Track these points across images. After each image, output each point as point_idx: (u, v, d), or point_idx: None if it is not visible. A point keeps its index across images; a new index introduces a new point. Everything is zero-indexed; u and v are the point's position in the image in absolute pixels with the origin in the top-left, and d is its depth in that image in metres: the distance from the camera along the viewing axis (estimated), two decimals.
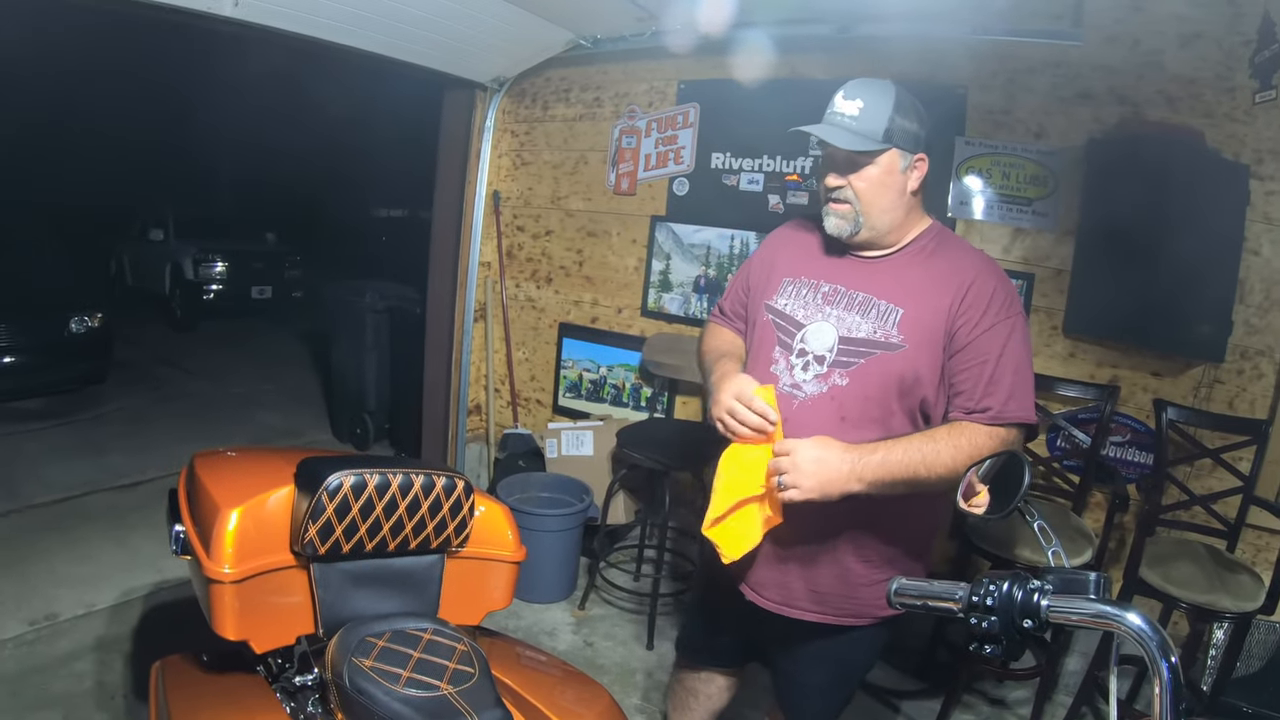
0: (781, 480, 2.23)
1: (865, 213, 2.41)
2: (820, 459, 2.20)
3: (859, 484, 2.22)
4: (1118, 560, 4.22)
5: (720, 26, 4.85)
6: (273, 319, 14.76)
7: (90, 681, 4.19)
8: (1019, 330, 2.37)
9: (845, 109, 2.36)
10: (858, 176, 2.39)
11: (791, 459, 2.21)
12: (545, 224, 6.32)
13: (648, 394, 5.91)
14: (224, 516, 2.40)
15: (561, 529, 5.13)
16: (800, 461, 2.20)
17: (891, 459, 2.23)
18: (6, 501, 6.28)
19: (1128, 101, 4.17)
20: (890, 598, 1.79)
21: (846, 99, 2.37)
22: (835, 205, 2.45)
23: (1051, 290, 4.45)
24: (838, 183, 2.41)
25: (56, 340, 9.03)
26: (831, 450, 2.21)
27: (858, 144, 2.33)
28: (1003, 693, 4.50)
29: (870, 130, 2.33)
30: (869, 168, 2.38)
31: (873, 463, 2.21)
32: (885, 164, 2.38)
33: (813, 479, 2.20)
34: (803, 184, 5.06)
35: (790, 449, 2.22)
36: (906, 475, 2.23)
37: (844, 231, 2.45)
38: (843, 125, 2.35)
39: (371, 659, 2.30)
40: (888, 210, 2.43)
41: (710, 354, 2.87)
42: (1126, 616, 1.37)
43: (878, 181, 2.39)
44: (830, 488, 2.21)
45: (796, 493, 2.21)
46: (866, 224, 2.43)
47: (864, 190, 2.39)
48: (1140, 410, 4.35)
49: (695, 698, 3.27)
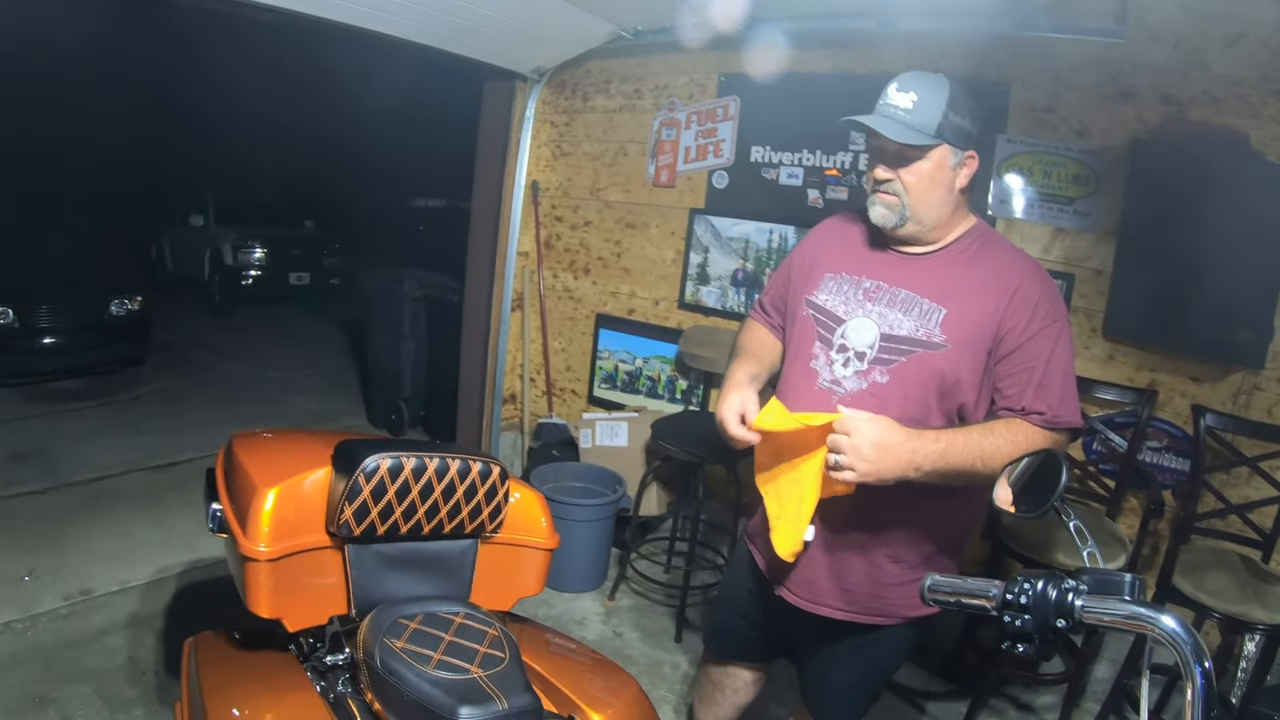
0: (838, 460, 2.16)
1: (912, 206, 2.37)
2: (881, 443, 2.13)
3: (915, 472, 2.17)
4: (1151, 567, 4.18)
5: (761, 20, 4.85)
6: (310, 305, 14.91)
7: (123, 657, 4.24)
8: (1065, 334, 2.35)
9: (899, 101, 2.31)
10: (908, 170, 2.35)
11: (851, 440, 2.13)
12: (584, 215, 6.33)
13: (683, 386, 5.91)
14: (261, 496, 2.43)
15: (593, 519, 5.14)
16: (860, 444, 2.12)
17: (952, 450, 2.19)
18: (46, 479, 6.38)
19: (1172, 101, 4.11)
20: (924, 594, 1.77)
21: (900, 91, 2.32)
22: (882, 195, 2.41)
23: (1091, 291, 4.41)
24: (887, 175, 2.37)
25: (97, 322, 9.20)
26: (894, 434, 2.15)
27: (910, 137, 2.28)
28: (1031, 698, 4.47)
29: (923, 124, 2.29)
30: (919, 162, 2.33)
31: (934, 452, 2.17)
32: (936, 159, 2.34)
33: (870, 463, 2.13)
34: (842, 179, 5.04)
35: (852, 428, 2.14)
36: (964, 467, 2.20)
37: (889, 222, 2.41)
38: (895, 117, 2.31)
39: (403, 640, 2.31)
40: (935, 206, 2.39)
41: (733, 352, 2.89)
42: (1161, 619, 1.36)
43: (927, 176, 2.35)
44: (887, 473, 2.15)
45: (852, 474, 2.15)
46: (912, 218, 2.39)
47: (913, 185, 2.35)
48: (1178, 415, 4.30)
49: (721, 692, 3.27)
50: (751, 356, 2.80)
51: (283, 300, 14.80)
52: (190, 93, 17.60)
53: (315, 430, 3.53)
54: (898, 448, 2.13)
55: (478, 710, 2.08)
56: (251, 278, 14.27)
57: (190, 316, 13.29)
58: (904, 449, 2.14)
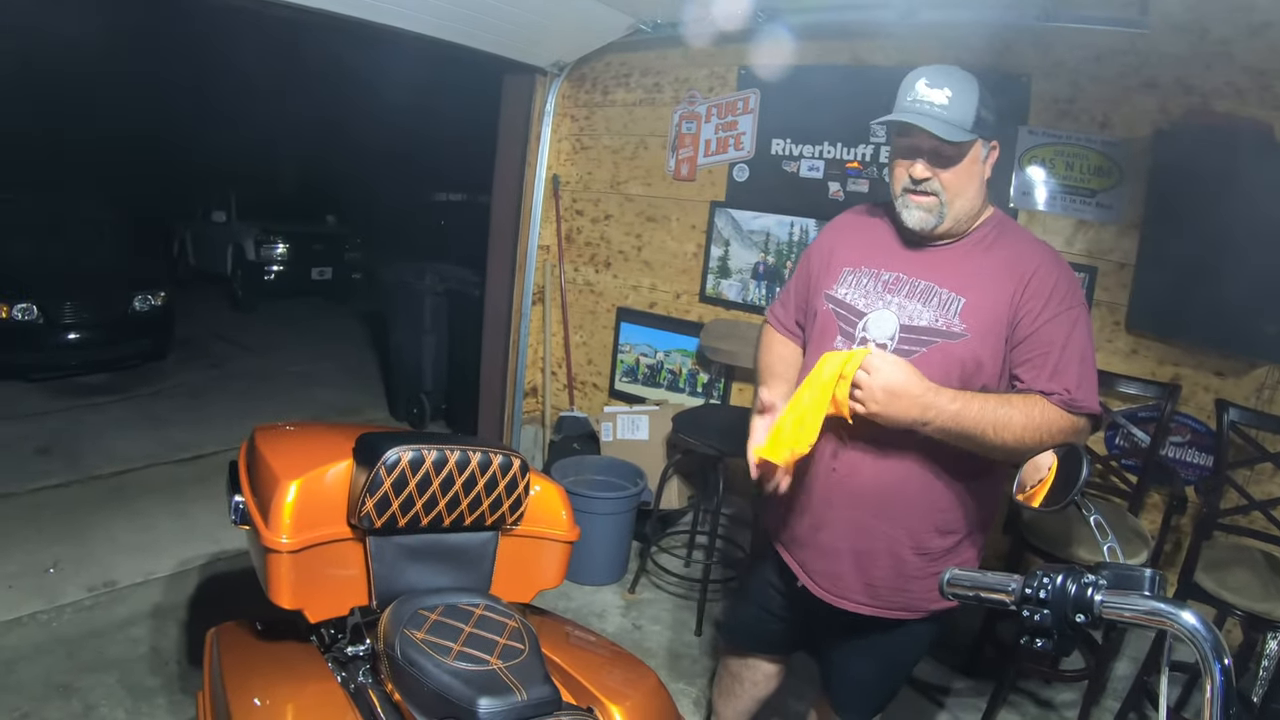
0: (854, 393, 2.19)
1: (949, 204, 2.36)
2: (894, 388, 2.15)
3: (924, 426, 2.20)
4: (1173, 563, 4.15)
5: (780, 12, 4.84)
6: (332, 299, 14.95)
7: (145, 647, 4.28)
8: (1083, 321, 2.34)
9: (933, 97, 2.29)
10: (946, 168, 2.34)
11: (870, 378, 2.16)
12: (604, 208, 6.33)
13: (704, 380, 5.91)
14: (283, 488, 2.44)
15: (614, 512, 5.15)
16: (876, 384, 2.15)
17: (966, 412, 2.19)
18: (70, 472, 6.44)
19: (1195, 92, 4.08)
20: (943, 587, 1.78)
21: (932, 87, 2.30)
22: (919, 197, 2.38)
23: (1114, 285, 4.38)
24: (926, 174, 2.34)
25: (120, 317, 9.31)
26: (912, 383, 2.16)
27: (956, 135, 2.26)
28: (1050, 694, 4.46)
29: (960, 120, 2.28)
30: (959, 160, 2.33)
31: (948, 410, 2.18)
32: (972, 155, 2.34)
33: (880, 405, 2.16)
34: (863, 171, 5.03)
35: (874, 368, 2.16)
36: (975, 433, 2.21)
37: (928, 225, 2.39)
38: (933, 114, 2.28)
39: (423, 632, 2.33)
40: (970, 201, 2.39)
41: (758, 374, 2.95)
42: (1181, 615, 1.35)
43: (964, 172, 2.34)
44: (895, 418, 2.18)
45: (860, 409, 2.19)
46: (950, 215, 2.38)
47: (951, 182, 2.34)
48: (1201, 410, 4.27)
49: (741, 684, 3.28)
50: (778, 379, 2.81)
51: (304, 295, 14.85)
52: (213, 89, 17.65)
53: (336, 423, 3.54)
54: (909, 397, 2.16)
55: (497, 701, 2.09)
56: (273, 273, 14.31)
57: (212, 311, 13.36)
58: (917, 400, 2.16)
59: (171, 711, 3.81)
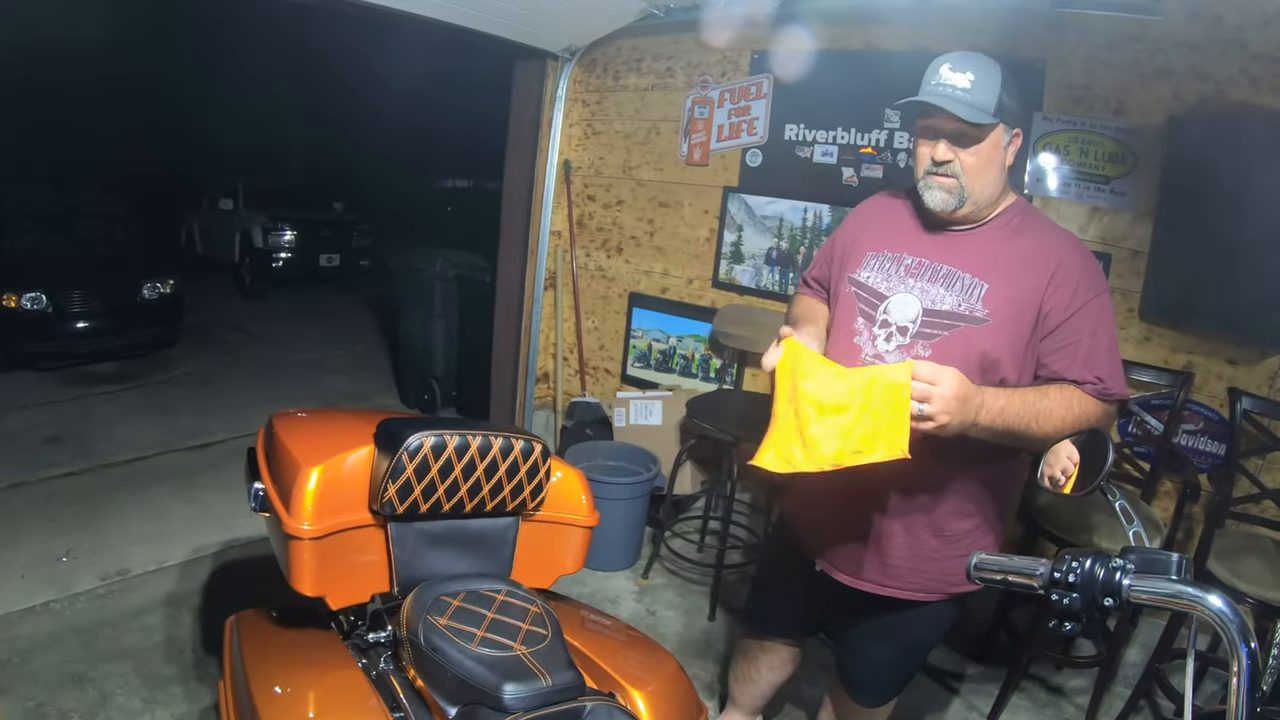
0: (923, 409, 2.08)
1: (969, 187, 2.37)
2: (961, 389, 2.09)
3: (974, 428, 2.16)
4: (1185, 551, 4.06)
5: None
6: (340, 286, 14.92)
7: (160, 636, 4.30)
8: (1107, 307, 2.37)
9: (956, 81, 2.30)
10: (968, 151, 2.34)
11: (939, 390, 2.06)
12: (616, 193, 6.32)
13: (717, 365, 5.90)
14: (304, 475, 2.45)
15: (628, 497, 5.15)
16: (945, 394, 2.06)
17: (1010, 408, 2.19)
18: (81, 460, 6.46)
19: (1209, 79, 4.05)
20: (970, 572, 1.78)
21: (955, 71, 2.31)
22: (940, 179, 2.39)
23: (1128, 272, 4.36)
24: (948, 156, 2.35)
25: (130, 306, 9.35)
26: (968, 386, 2.12)
27: (977, 116, 2.28)
28: (1061, 680, 4.47)
29: (982, 104, 2.29)
30: (980, 142, 2.34)
31: (994, 408, 2.16)
32: (993, 139, 2.34)
33: (950, 416, 2.08)
34: (877, 157, 4.99)
35: (939, 378, 2.07)
36: (1019, 427, 2.20)
37: (949, 205, 2.40)
38: (956, 97, 2.29)
39: (446, 618, 2.34)
40: (991, 185, 2.40)
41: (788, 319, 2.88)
42: (1208, 599, 1.38)
43: (985, 156, 2.35)
44: (957, 427, 2.12)
45: (931, 425, 2.09)
46: (970, 198, 2.39)
47: (972, 165, 2.35)
48: (1214, 399, 4.25)
49: (757, 669, 3.31)
50: (807, 323, 2.77)
51: (313, 281, 14.84)
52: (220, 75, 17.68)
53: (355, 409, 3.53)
54: (969, 400, 2.11)
55: (522, 687, 2.10)
56: (281, 260, 14.32)
57: (221, 299, 13.36)
58: (973, 402, 2.12)
59: (188, 699, 3.82)
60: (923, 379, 2.07)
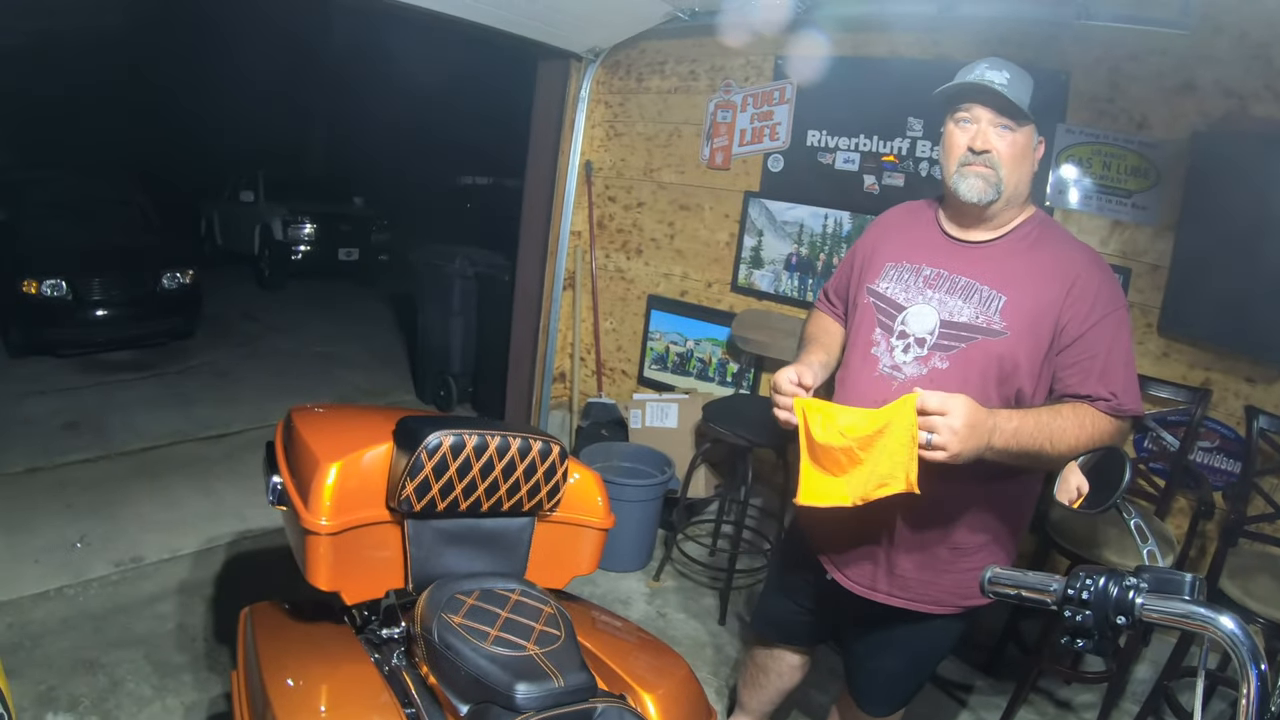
0: (931, 439, 2.09)
1: (1006, 180, 2.37)
2: (971, 416, 2.07)
3: (989, 451, 2.15)
4: (1198, 569, 4.11)
5: (820, 2, 4.83)
6: (359, 281, 14.95)
7: (172, 624, 4.32)
8: (1125, 323, 2.37)
9: (994, 77, 2.34)
10: (1007, 141, 2.36)
11: (947, 421, 2.06)
12: (637, 195, 6.32)
13: (734, 370, 5.90)
14: (323, 470, 2.46)
15: (641, 499, 5.15)
16: (957, 424, 2.06)
17: (1024, 429, 2.18)
18: (97, 447, 6.50)
19: (1234, 95, 4.02)
20: (984, 585, 1.77)
21: (993, 70, 2.35)
22: (978, 168, 2.39)
23: (1148, 287, 4.34)
24: (986, 146, 2.36)
25: (149, 295, 9.39)
26: (979, 412, 2.10)
27: (1020, 104, 2.31)
28: (1069, 695, 4.44)
29: (1021, 99, 2.32)
30: (1017, 135, 2.36)
31: (1007, 430, 2.15)
32: (1027, 135, 2.38)
33: (963, 441, 2.07)
34: (899, 165, 4.97)
35: (947, 409, 2.07)
36: (1033, 448, 2.20)
37: (986, 196, 2.39)
38: (998, 88, 2.32)
39: (460, 616, 2.34)
40: (1022, 182, 2.41)
41: (800, 343, 2.93)
42: (1220, 620, 1.37)
43: (1022, 150, 2.37)
44: (972, 454, 2.11)
45: (944, 455, 2.08)
46: (1005, 192, 2.39)
47: (1009, 156, 2.36)
48: (1231, 416, 4.22)
49: (766, 675, 3.31)
50: (818, 346, 2.82)
51: (331, 276, 14.87)
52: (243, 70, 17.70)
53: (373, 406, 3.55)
54: (981, 426, 2.10)
55: (534, 687, 2.11)
56: (301, 253, 14.38)
57: (240, 291, 13.39)
58: (985, 427, 2.11)
59: (198, 688, 3.84)
60: (931, 409, 2.08)
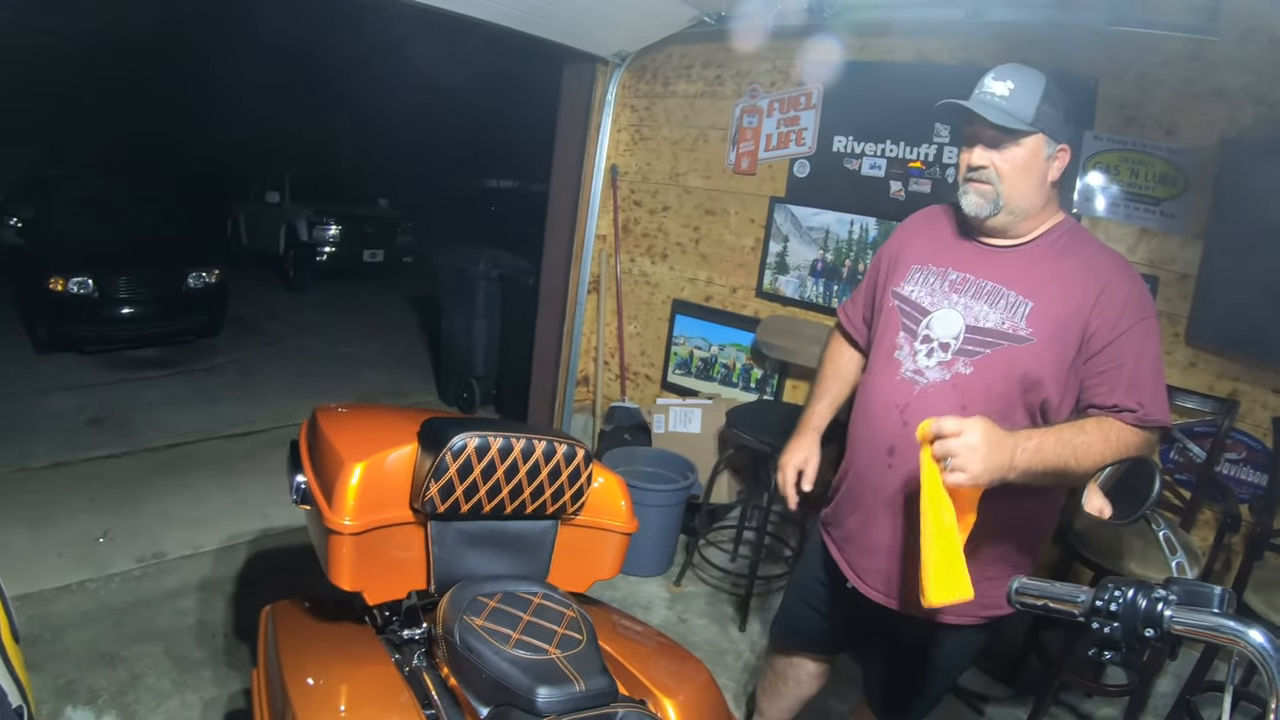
0: (950, 463, 2.06)
1: (1006, 195, 2.36)
2: (990, 440, 2.05)
3: (1012, 472, 2.11)
4: (1223, 582, 4.01)
5: (846, 7, 4.82)
6: (383, 282, 15.01)
7: (192, 619, 4.35)
8: (1154, 331, 2.33)
9: (995, 89, 2.32)
10: (1002, 157, 2.34)
11: (964, 440, 2.04)
12: (662, 200, 6.31)
13: (758, 375, 5.88)
14: (348, 470, 2.46)
15: (664, 504, 5.15)
16: (975, 442, 2.04)
17: (1046, 447, 2.15)
18: (122, 443, 6.56)
19: (1264, 101, 3.99)
20: (1011, 596, 1.75)
21: (997, 80, 2.33)
22: (975, 184, 2.39)
23: (1175, 295, 4.30)
24: (982, 161, 2.36)
25: (175, 293, 9.47)
26: (997, 431, 2.08)
27: (1005, 120, 2.28)
28: (1091, 708, 4.41)
29: (1019, 111, 2.29)
30: (1015, 149, 2.33)
31: (1029, 449, 2.11)
32: (1031, 147, 2.33)
33: (984, 463, 2.04)
34: (925, 171, 4.96)
35: (963, 429, 2.05)
36: (1058, 466, 2.16)
37: (983, 211, 2.40)
38: (992, 103, 2.31)
39: (482, 618, 2.34)
40: (1028, 195, 2.38)
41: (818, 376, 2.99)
42: (1249, 633, 1.36)
43: (1022, 164, 2.34)
44: (995, 468, 2.07)
45: (964, 477, 2.05)
46: (1005, 206, 2.38)
47: (1007, 172, 2.34)
48: (1258, 428, 4.17)
49: (785, 683, 3.30)
50: (834, 381, 2.90)
51: (356, 277, 14.98)
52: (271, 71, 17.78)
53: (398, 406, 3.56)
54: (1001, 445, 2.07)
55: (556, 691, 2.10)
56: (326, 254, 14.48)
57: (265, 290, 13.50)
58: (1006, 446, 2.08)
59: (217, 684, 3.86)
60: (947, 431, 2.06)
